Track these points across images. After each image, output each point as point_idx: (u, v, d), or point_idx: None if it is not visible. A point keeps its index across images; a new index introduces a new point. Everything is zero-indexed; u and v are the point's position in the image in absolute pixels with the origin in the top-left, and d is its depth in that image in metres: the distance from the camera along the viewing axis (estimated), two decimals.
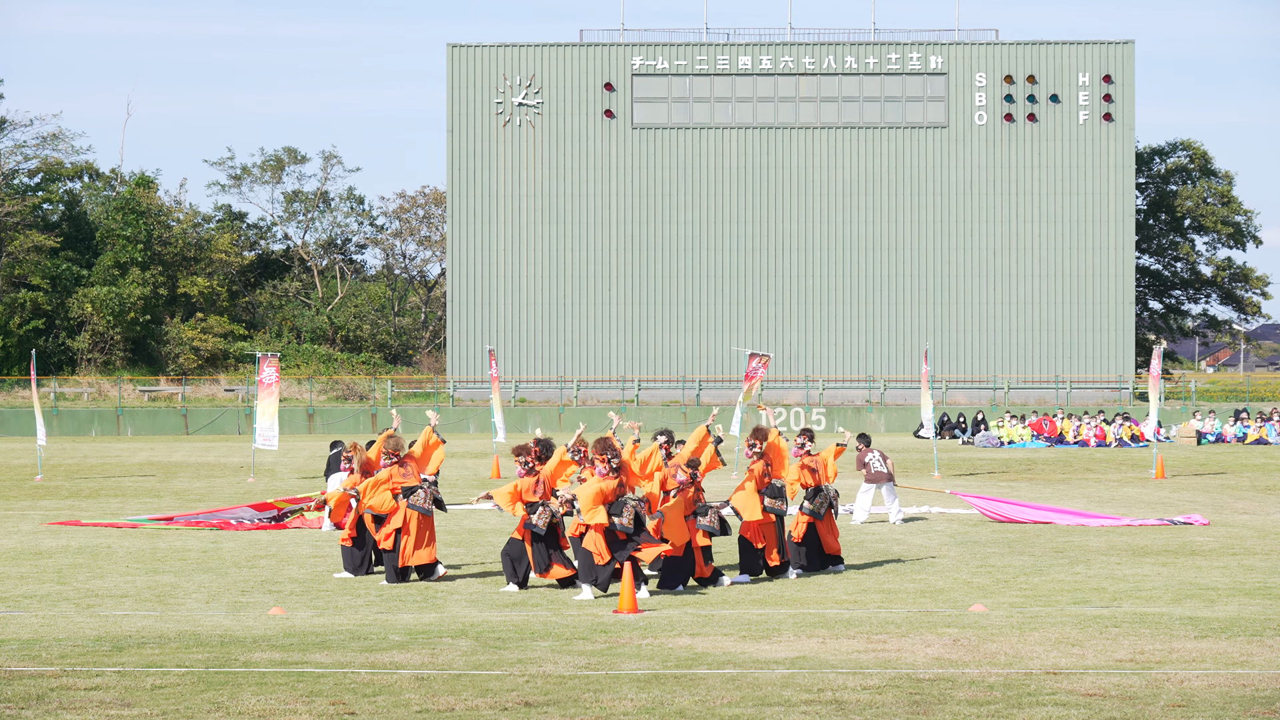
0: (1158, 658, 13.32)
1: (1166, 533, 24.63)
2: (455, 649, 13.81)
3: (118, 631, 15.14)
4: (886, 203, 70.59)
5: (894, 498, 26.50)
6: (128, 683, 12.12)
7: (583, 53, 70.86)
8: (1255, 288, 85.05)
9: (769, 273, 70.63)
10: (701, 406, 65.88)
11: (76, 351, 75.45)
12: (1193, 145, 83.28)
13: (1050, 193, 70.39)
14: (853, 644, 14.08)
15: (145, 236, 77.71)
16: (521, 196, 70.66)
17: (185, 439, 59.76)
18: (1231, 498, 31.33)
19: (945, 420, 57.63)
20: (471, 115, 70.71)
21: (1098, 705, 11.30)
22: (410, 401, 70.38)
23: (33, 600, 17.78)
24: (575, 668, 12.83)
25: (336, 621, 15.99)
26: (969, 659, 13.26)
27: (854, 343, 70.61)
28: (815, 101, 70.78)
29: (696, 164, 70.75)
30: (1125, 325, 70.60)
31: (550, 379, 70.11)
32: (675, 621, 15.70)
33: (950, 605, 17.03)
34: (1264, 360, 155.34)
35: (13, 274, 76.00)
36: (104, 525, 25.81)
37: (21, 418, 61.79)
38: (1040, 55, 70.65)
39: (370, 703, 11.45)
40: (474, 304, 70.64)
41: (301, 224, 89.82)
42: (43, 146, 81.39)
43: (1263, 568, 20.31)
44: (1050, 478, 37.22)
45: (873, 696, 11.65)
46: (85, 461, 44.07)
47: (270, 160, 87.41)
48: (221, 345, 77.64)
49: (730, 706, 11.33)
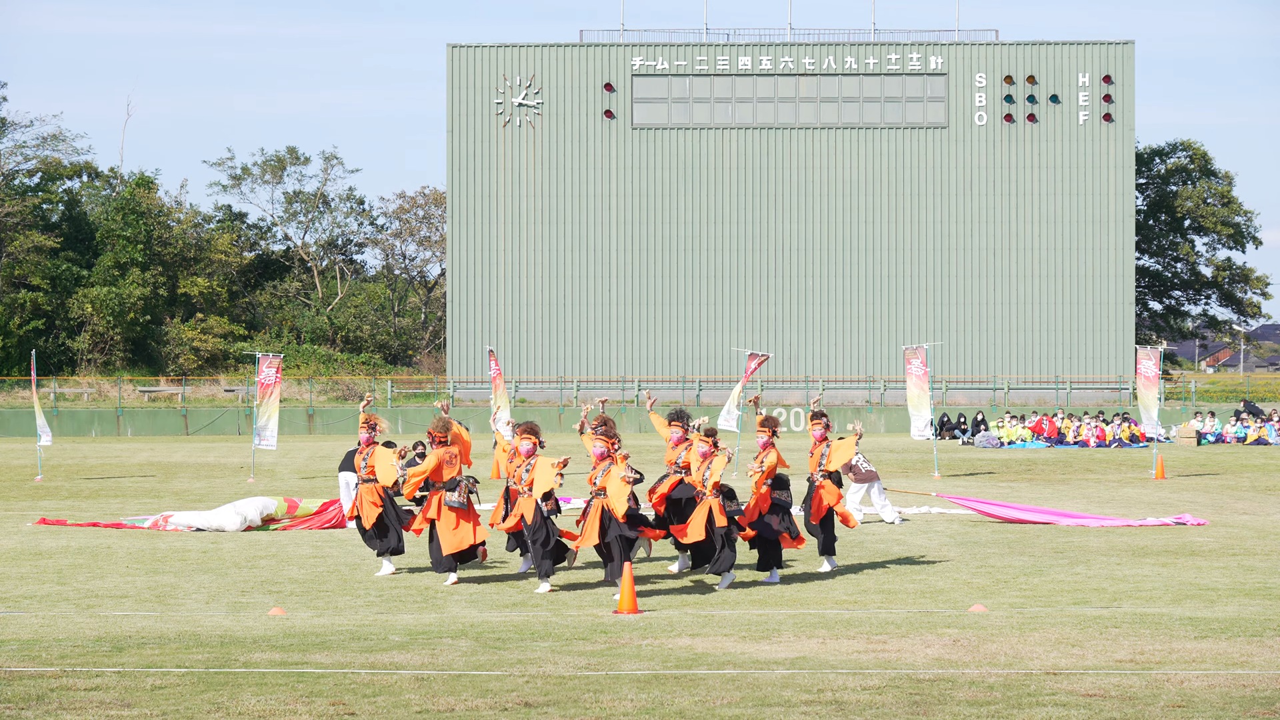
0: (1158, 658, 13.32)
1: (1166, 533, 24.63)
2: (455, 649, 13.80)
3: (118, 632, 15.14)
4: (886, 203, 70.59)
5: (883, 497, 26.51)
6: (128, 683, 12.12)
7: (583, 53, 70.87)
8: (1255, 288, 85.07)
9: (769, 273, 70.62)
10: (702, 406, 65.85)
11: (76, 352, 75.44)
12: (1193, 145, 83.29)
13: (1050, 193, 70.39)
14: (853, 644, 14.07)
15: (145, 237, 77.71)
16: (521, 196, 70.66)
17: (185, 439, 59.76)
18: (1231, 498, 31.32)
19: (945, 420, 57.61)
20: (471, 115, 70.71)
21: (1098, 705, 11.30)
22: (410, 402, 70.40)
23: (33, 600, 17.78)
24: (575, 668, 12.83)
25: (336, 622, 15.99)
26: (969, 659, 13.26)
27: (854, 343, 70.60)
28: (815, 102, 70.78)
29: (696, 164, 70.74)
30: (1125, 326, 70.60)
31: (550, 379, 70.11)
32: (675, 622, 15.70)
33: (950, 605, 17.03)
34: (1264, 361, 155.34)
35: (13, 274, 76.00)
36: (93, 526, 25.78)
37: (21, 418, 61.79)
38: (1040, 55, 70.65)
39: (370, 703, 11.45)
40: (474, 304, 70.64)
41: (302, 224, 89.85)
42: (43, 147, 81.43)
43: (1263, 568, 20.31)
44: (1050, 478, 37.20)
45: (873, 697, 11.65)
46: (85, 462, 44.06)
47: (270, 161, 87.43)
48: (221, 346, 77.64)
49: (730, 707, 11.33)
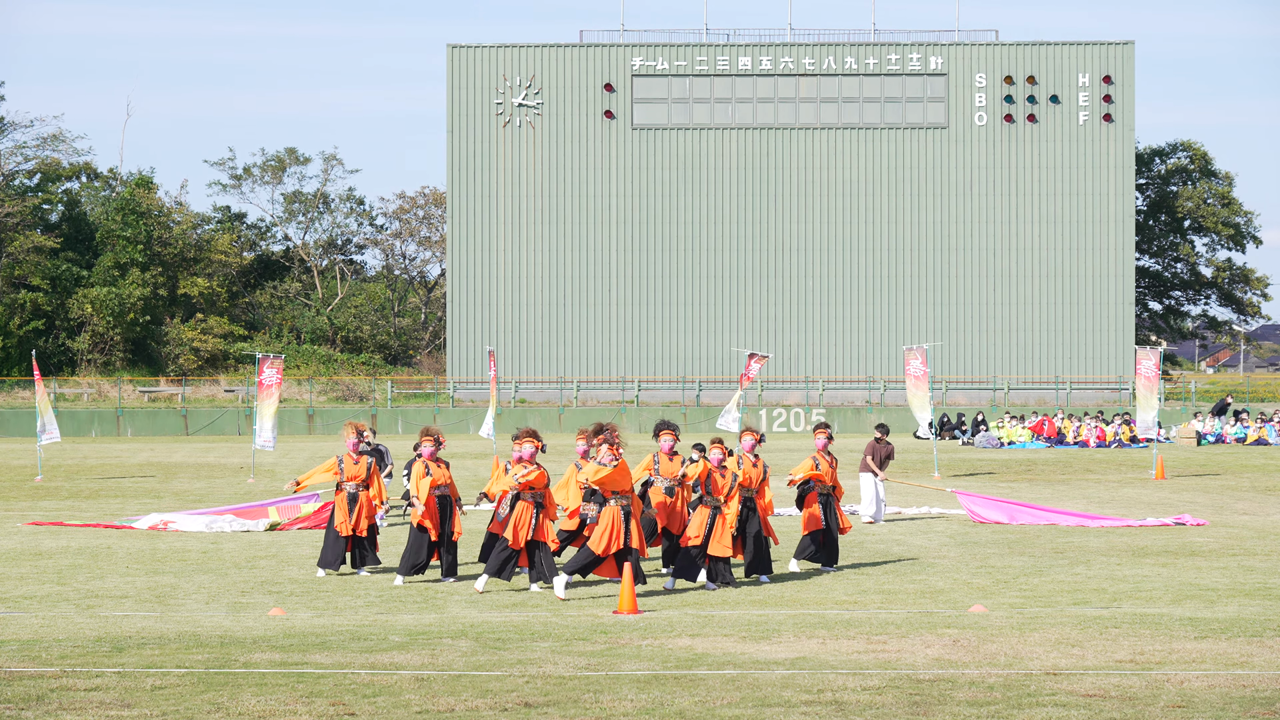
0: (1158, 658, 13.31)
1: (1166, 533, 24.63)
2: (455, 650, 13.80)
3: (118, 632, 15.14)
4: (886, 203, 70.60)
5: (880, 495, 26.70)
6: (128, 683, 12.11)
7: (583, 53, 70.87)
8: (1255, 289, 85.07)
9: (769, 273, 70.62)
10: (701, 406, 65.86)
11: (76, 352, 75.46)
12: (1193, 146, 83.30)
13: (1050, 193, 70.40)
14: (853, 644, 14.07)
15: (145, 237, 77.72)
16: (521, 197, 70.67)
17: (185, 439, 59.75)
18: (1231, 498, 31.32)
19: (945, 420, 57.61)
20: (471, 115, 70.72)
21: (1098, 706, 11.30)
22: (410, 402, 70.40)
23: (33, 600, 17.77)
24: (575, 668, 12.83)
25: (336, 622, 15.99)
26: (969, 659, 13.25)
27: (854, 343, 70.60)
28: (815, 102, 70.78)
29: (696, 164, 70.75)
30: (1125, 325, 70.61)
31: (550, 379, 70.11)
32: (675, 622, 15.70)
33: (950, 606, 17.02)
34: (1264, 361, 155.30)
35: (13, 274, 76.00)
36: (88, 527, 25.79)
37: (21, 418, 61.78)
38: (1040, 56, 70.66)
39: (370, 703, 11.45)
40: (474, 304, 70.64)
41: (301, 225, 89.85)
42: (43, 147, 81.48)
43: (1263, 568, 20.31)
44: (1050, 478, 37.19)
45: (873, 697, 11.65)
46: (85, 462, 44.05)
47: (271, 161, 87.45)
48: (221, 346, 77.65)
49: (730, 707, 11.33)
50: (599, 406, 64.96)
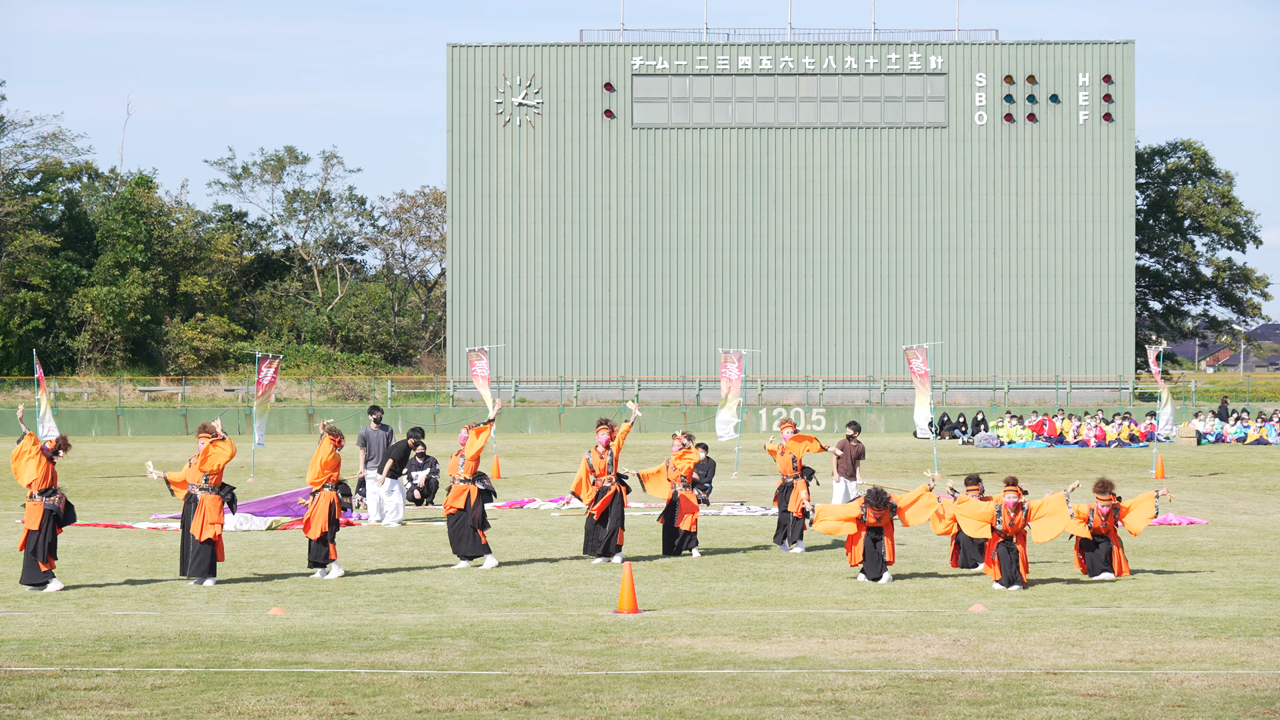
0: (1158, 658, 13.32)
1: (1166, 533, 24.64)
2: (455, 649, 13.81)
3: (118, 631, 15.14)
4: (886, 203, 70.59)
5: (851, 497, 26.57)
6: (128, 683, 12.12)
7: (583, 53, 70.87)
8: (1255, 288, 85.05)
9: (769, 273, 70.62)
10: (701, 406, 65.86)
11: (76, 351, 75.44)
12: (1193, 145, 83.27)
13: (1050, 193, 70.39)
14: (853, 644, 14.08)
15: (145, 236, 77.69)
16: (521, 196, 70.67)
17: (185, 439, 59.73)
18: (1231, 498, 31.34)
19: (945, 420, 57.61)
20: (471, 115, 70.72)
21: (1098, 705, 11.30)
22: (410, 402, 70.41)
23: (33, 600, 17.78)
24: (575, 668, 12.83)
25: (336, 621, 15.99)
26: (969, 659, 13.26)
27: (854, 343, 70.60)
28: (815, 101, 70.78)
29: (696, 164, 70.75)
30: (1125, 325, 70.61)
31: (550, 379, 70.11)
32: (675, 622, 15.70)
33: (950, 605, 17.03)
34: (1264, 360, 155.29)
35: (13, 274, 75.99)
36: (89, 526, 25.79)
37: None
38: (1040, 55, 70.66)
39: (370, 703, 11.45)
40: (474, 304, 70.64)
41: (302, 224, 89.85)
42: (43, 147, 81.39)
43: (1263, 568, 20.31)
44: (1050, 478, 37.20)
45: (873, 696, 11.65)
46: (85, 462, 44.06)
47: (271, 160, 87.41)
48: (221, 345, 77.62)
49: (730, 706, 11.33)
50: (599, 406, 64.92)
